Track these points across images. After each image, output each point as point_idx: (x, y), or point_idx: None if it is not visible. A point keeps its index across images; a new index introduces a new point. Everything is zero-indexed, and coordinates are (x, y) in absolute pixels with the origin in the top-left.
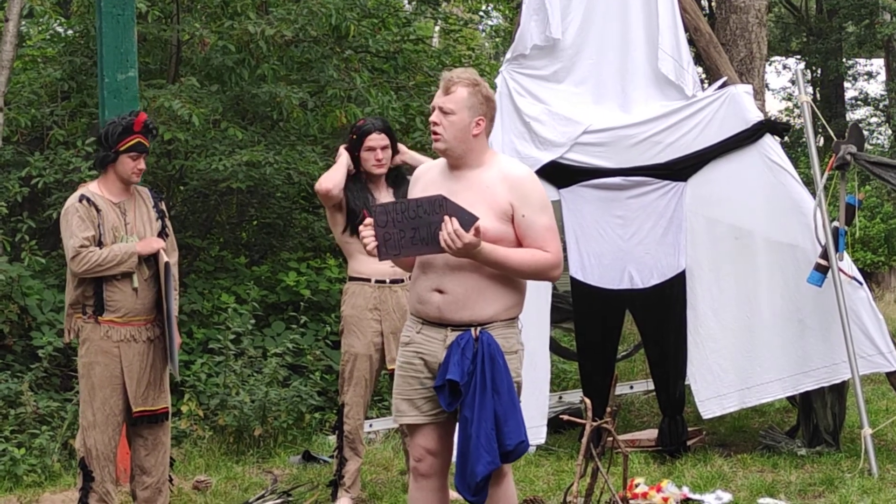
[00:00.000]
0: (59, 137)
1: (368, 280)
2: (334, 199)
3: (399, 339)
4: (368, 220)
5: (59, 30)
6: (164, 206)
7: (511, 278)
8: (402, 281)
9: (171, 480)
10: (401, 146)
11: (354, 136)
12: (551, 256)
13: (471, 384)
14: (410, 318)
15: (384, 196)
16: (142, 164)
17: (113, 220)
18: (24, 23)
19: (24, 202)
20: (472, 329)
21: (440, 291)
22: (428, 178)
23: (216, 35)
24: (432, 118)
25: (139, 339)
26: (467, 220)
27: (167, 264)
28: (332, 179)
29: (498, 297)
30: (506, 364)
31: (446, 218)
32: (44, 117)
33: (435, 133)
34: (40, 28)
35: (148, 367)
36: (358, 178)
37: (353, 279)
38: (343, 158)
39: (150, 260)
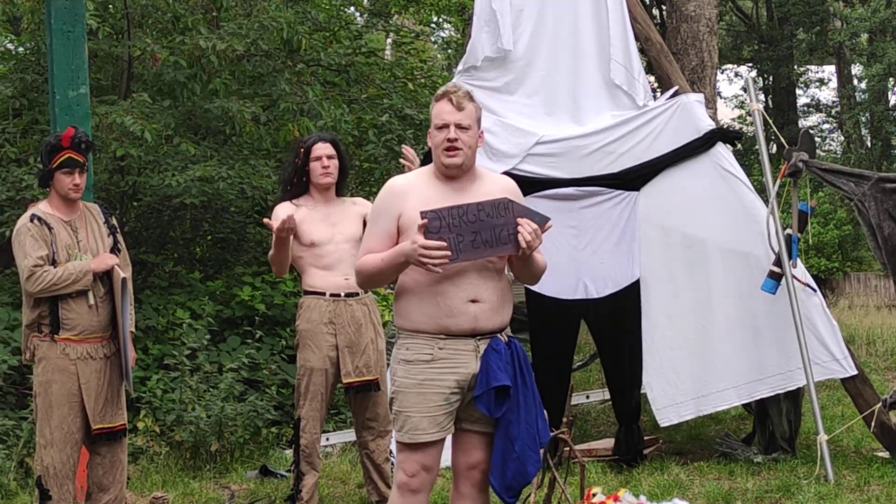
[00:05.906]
0: (10, 155)
1: (323, 294)
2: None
3: (353, 352)
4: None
5: (10, 47)
6: (115, 222)
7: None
8: (357, 294)
9: None
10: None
11: (302, 151)
12: (544, 258)
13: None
14: (423, 336)
15: (337, 209)
16: (77, 180)
17: (65, 239)
18: None
19: None
20: (500, 334)
21: (475, 301)
22: (421, 190)
23: (167, 50)
24: (450, 135)
25: (96, 357)
26: (539, 220)
27: (124, 280)
28: (278, 262)
29: (510, 302)
30: None
31: (520, 219)
32: None
33: (456, 149)
34: None
35: (105, 384)
36: (308, 197)
37: (307, 293)
38: (273, 240)
39: (105, 277)
